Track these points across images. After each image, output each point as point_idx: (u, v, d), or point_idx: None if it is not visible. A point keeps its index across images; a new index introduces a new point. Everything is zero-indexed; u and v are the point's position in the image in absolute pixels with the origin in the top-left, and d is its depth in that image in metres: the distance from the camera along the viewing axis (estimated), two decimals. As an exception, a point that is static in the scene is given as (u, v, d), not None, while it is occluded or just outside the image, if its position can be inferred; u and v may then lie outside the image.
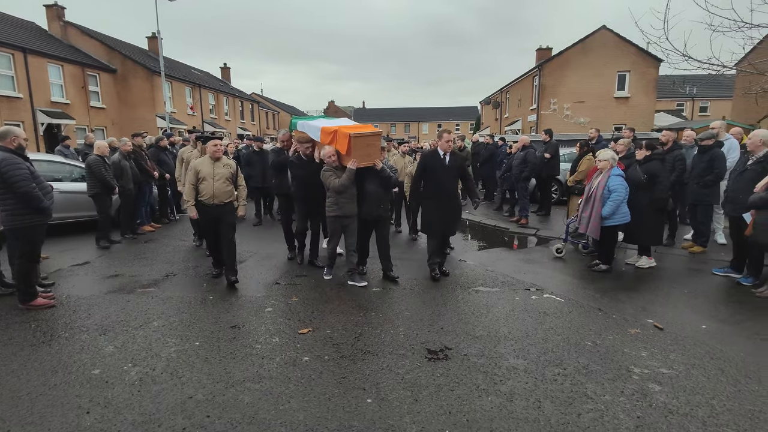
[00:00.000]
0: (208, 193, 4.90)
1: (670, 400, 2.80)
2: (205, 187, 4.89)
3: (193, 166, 4.93)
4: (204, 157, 5.05)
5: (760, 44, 6.42)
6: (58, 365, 3.25)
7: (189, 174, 4.95)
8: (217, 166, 4.97)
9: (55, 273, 5.52)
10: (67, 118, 18.63)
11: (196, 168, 4.90)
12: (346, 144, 4.88)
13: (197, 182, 4.90)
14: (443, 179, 5.13)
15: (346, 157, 4.94)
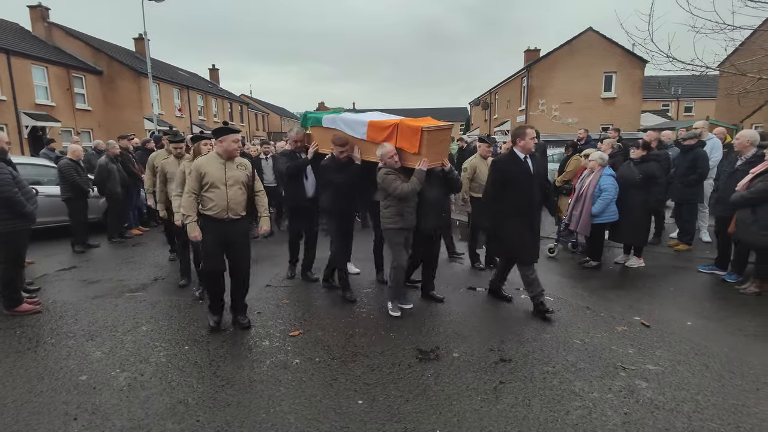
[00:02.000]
0: (219, 204, 3.68)
1: (657, 396, 2.85)
2: (215, 196, 3.68)
3: (197, 167, 3.72)
4: (209, 156, 3.84)
5: (741, 46, 6.52)
6: (45, 372, 3.21)
7: (189, 179, 3.75)
8: (230, 167, 3.78)
9: (41, 278, 5.43)
10: (52, 120, 18.34)
11: (200, 170, 3.68)
12: (416, 140, 4.03)
13: (201, 189, 3.71)
14: (531, 190, 4.14)
15: (411, 156, 4.11)
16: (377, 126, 4.33)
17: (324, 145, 4.80)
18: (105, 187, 7.25)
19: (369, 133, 4.36)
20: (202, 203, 3.74)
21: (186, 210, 3.72)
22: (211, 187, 3.69)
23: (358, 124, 4.45)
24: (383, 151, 4.09)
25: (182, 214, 3.80)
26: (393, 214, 4.12)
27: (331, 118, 4.72)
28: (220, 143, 3.74)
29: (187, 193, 3.72)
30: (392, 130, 4.19)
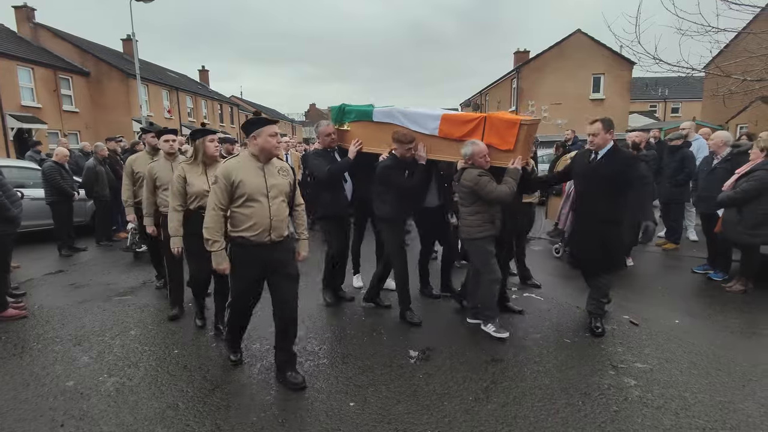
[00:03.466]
0: (261, 222, 2.79)
1: (645, 394, 2.88)
2: (254, 212, 2.78)
3: (225, 174, 2.75)
4: (241, 158, 2.87)
5: (726, 48, 6.65)
6: (30, 378, 3.15)
7: (215, 190, 2.80)
8: (270, 172, 2.88)
9: (27, 282, 5.34)
10: (39, 122, 18.07)
11: (230, 177, 2.74)
12: (512, 135, 3.57)
13: (231, 203, 2.81)
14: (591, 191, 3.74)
15: (500, 153, 3.66)
16: (455, 120, 3.82)
17: (370, 143, 4.19)
18: (93, 190, 7.17)
19: (443, 128, 3.83)
20: (234, 222, 2.84)
21: (210, 233, 2.80)
22: (249, 201, 2.77)
23: (427, 117, 3.92)
24: (476, 149, 3.55)
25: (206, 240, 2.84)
26: (484, 221, 3.66)
27: (386, 111, 4.11)
28: (253, 140, 2.80)
29: (212, 209, 2.78)
30: (477, 124, 3.71)
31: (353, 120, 4.29)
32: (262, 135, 2.81)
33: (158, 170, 4.14)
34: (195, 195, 3.55)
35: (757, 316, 4.17)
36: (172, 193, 3.59)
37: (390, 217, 3.97)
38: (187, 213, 3.59)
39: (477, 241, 3.71)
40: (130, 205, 4.83)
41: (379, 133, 4.11)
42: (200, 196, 3.53)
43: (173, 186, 3.56)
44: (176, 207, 3.57)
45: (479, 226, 3.68)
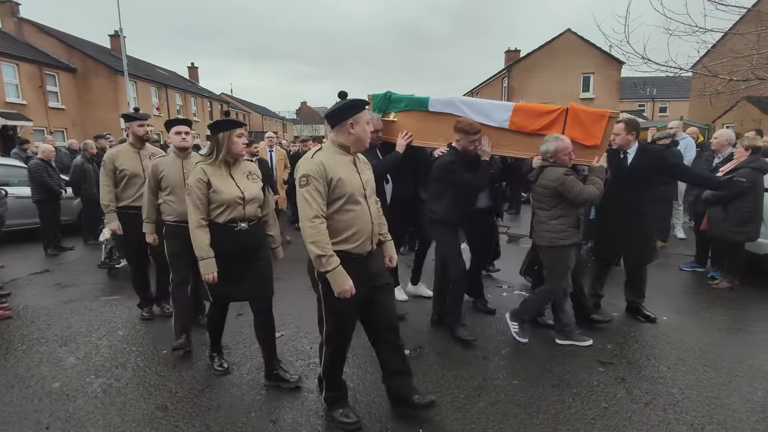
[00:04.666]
0: (364, 229, 2.38)
1: (633, 390, 2.91)
2: (356, 216, 2.36)
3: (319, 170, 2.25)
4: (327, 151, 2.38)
5: (713, 48, 6.73)
6: (15, 379, 3.09)
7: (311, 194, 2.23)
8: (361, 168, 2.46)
9: (12, 282, 5.25)
10: (24, 119, 17.74)
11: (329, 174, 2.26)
12: (599, 129, 3.30)
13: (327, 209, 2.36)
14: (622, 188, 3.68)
15: (583, 149, 3.36)
16: (531, 111, 3.47)
17: (422, 136, 3.77)
18: (80, 188, 7.06)
19: (515, 120, 3.47)
20: (331, 232, 2.28)
21: (323, 246, 2.21)
22: (348, 203, 2.30)
23: (496, 108, 3.55)
24: (560, 144, 3.21)
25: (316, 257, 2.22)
26: (569, 225, 3.32)
27: (445, 100, 3.69)
28: (350, 128, 2.31)
29: (309, 220, 2.21)
30: (558, 116, 3.38)
31: (402, 110, 3.83)
32: (360, 122, 2.33)
33: (166, 168, 3.41)
34: (225, 204, 2.74)
35: (743, 313, 4.24)
36: (192, 204, 2.72)
37: (447, 219, 3.54)
38: (214, 229, 2.76)
39: (558, 249, 3.36)
40: (112, 210, 3.94)
41: (435, 125, 3.66)
42: (232, 205, 2.76)
43: (193, 193, 2.71)
44: (201, 222, 2.73)
45: (563, 231, 3.33)
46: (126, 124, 3.99)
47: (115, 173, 3.92)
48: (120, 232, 3.96)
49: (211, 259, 2.70)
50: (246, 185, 2.83)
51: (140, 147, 4.03)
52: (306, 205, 2.23)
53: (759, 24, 5.98)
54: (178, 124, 3.52)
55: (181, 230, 3.16)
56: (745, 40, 6.25)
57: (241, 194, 2.78)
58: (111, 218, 3.98)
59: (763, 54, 5.93)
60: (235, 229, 2.77)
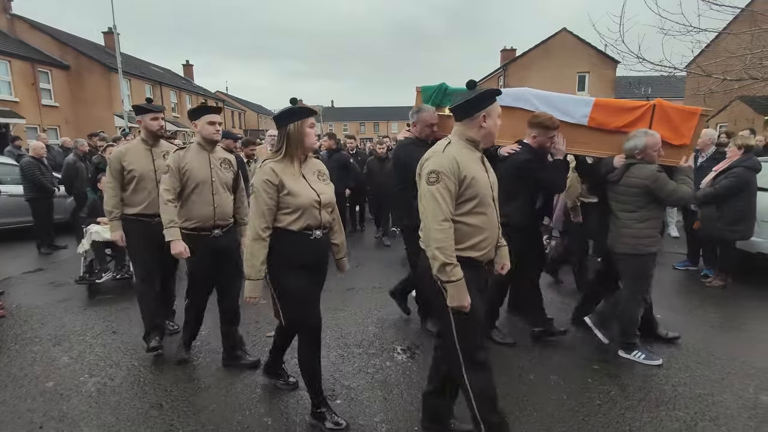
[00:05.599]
0: (492, 235, 2.15)
1: (627, 387, 2.93)
2: (485, 222, 2.08)
3: (452, 167, 1.97)
4: (457, 146, 2.09)
5: (707, 48, 6.78)
6: (8, 379, 3.07)
7: (441, 194, 1.96)
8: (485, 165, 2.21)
9: (5, 281, 5.21)
10: (17, 117, 17.59)
11: (462, 171, 1.99)
12: (689, 127, 3.13)
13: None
14: None
15: (671, 149, 3.16)
16: (613, 107, 3.24)
17: None
18: (73, 186, 7.01)
19: (595, 117, 3.22)
20: (457, 236, 2.01)
21: (446, 254, 1.94)
22: (480, 206, 2.04)
23: (573, 102, 3.31)
24: (650, 140, 2.99)
25: (442, 269, 1.95)
26: (655, 230, 3.10)
27: (515, 93, 3.41)
28: (482, 121, 2.07)
29: (438, 222, 1.94)
30: (644, 113, 3.17)
31: (435, 104, 3.56)
32: (492, 114, 2.09)
33: (190, 163, 2.95)
34: (301, 209, 2.31)
35: (735, 311, 4.28)
36: (259, 211, 2.27)
37: (525, 224, 3.28)
38: (287, 238, 2.33)
39: (644, 257, 3.12)
40: (116, 217, 3.32)
41: (502, 120, 3.60)
42: (308, 210, 2.33)
43: (261, 198, 2.26)
44: (263, 233, 2.29)
45: (649, 237, 3.09)
46: (137, 117, 3.42)
47: (122, 174, 3.31)
48: (123, 243, 3.38)
49: (261, 282, 2.33)
50: (320, 187, 2.42)
51: (153, 144, 3.42)
52: (435, 205, 1.96)
53: (752, 24, 6.03)
54: (211, 113, 3.03)
55: (201, 240, 2.99)
56: (739, 40, 6.30)
57: (318, 197, 2.37)
58: (114, 227, 3.35)
59: (757, 54, 5.98)
60: (311, 237, 2.38)
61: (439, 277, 1.98)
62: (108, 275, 4.90)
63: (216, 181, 3.02)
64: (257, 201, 2.29)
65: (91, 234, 4.85)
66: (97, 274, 4.90)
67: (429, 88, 3.66)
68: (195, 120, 3.01)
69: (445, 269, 1.95)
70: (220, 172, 3.06)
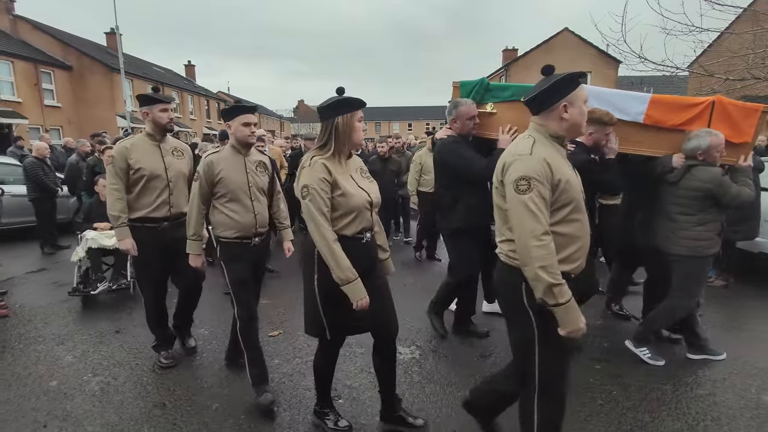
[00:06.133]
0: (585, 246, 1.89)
1: (628, 387, 2.93)
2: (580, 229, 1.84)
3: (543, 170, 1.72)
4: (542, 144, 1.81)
5: (709, 47, 6.76)
6: (12, 378, 3.09)
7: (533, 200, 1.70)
8: None
9: (8, 281, 5.23)
10: (19, 117, 17.66)
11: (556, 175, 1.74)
12: (750, 125, 2.98)
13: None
14: None
15: (731, 148, 3.00)
16: (671, 104, 3.07)
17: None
18: (76, 187, 7.03)
19: (652, 114, 3.05)
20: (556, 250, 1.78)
21: (552, 274, 1.68)
22: (575, 211, 1.84)
23: (629, 99, 3.13)
24: (714, 140, 2.84)
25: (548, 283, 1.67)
26: (715, 233, 2.99)
27: (593, 91, 3.19)
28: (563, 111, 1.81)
29: (537, 238, 1.68)
30: (703, 110, 2.99)
31: (505, 99, 3.27)
32: (576, 102, 1.82)
33: (225, 169, 2.69)
34: (354, 211, 2.15)
35: (737, 311, 4.27)
36: (318, 212, 2.06)
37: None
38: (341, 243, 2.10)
39: (700, 259, 3.00)
40: (124, 223, 2.98)
41: None
42: (362, 212, 2.18)
43: (317, 198, 2.05)
44: (331, 236, 2.07)
45: (708, 239, 2.96)
46: (143, 109, 3.05)
47: (127, 173, 2.98)
48: (134, 252, 3.03)
49: (358, 285, 2.08)
50: (367, 186, 2.24)
51: (161, 139, 3.11)
52: (531, 217, 1.69)
53: (755, 24, 6.02)
54: (246, 112, 2.75)
55: (243, 249, 2.74)
56: (741, 40, 6.28)
57: (369, 197, 2.20)
58: (122, 233, 3.00)
59: (759, 53, 5.97)
60: (362, 241, 2.20)
61: (546, 301, 1.69)
62: (104, 286, 4.50)
63: (253, 187, 2.78)
64: (314, 202, 2.05)
65: (86, 240, 4.52)
66: (92, 284, 4.51)
67: (468, 83, 3.44)
68: (229, 120, 2.75)
69: (552, 291, 1.66)
70: (256, 176, 2.81)
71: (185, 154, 3.26)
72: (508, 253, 1.87)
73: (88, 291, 4.45)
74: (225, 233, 2.73)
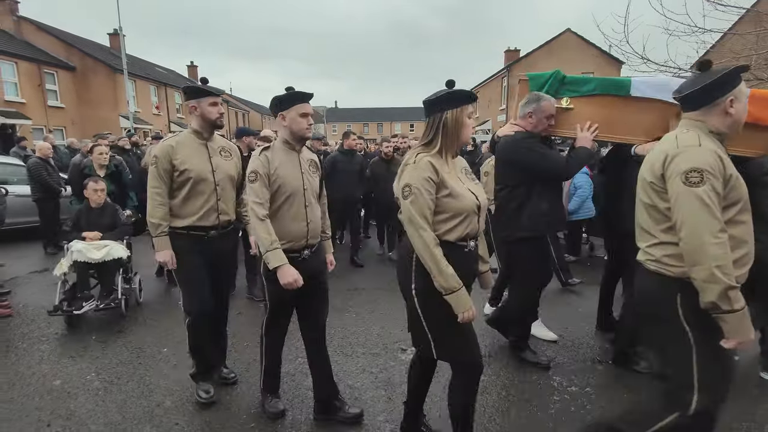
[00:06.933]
0: None
1: (632, 389, 2.92)
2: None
3: (717, 165, 1.62)
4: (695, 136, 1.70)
5: (712, 48, 6.74)
6: (16, 378, 3.10)
7: (708, 199, 1.57)
8: None
9: (12, 281, 5.25)
10: (23, 117, 17.74)
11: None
12: None
13: None
14: None
15: None
16: None
17: (613, 129, 2.94)
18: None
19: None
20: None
21: (729, 275, 1.56)
22: (744, 210, 1.74)
23: None
24: None
25: None
26: None
27: (657, 83, 2.86)
28: (728, 106, 1.74)
29: (714, 235, 1.57)
30: None
31: (585, 94, 2.98)
32: (741, 98, 1.75)
33: (284, 170, 2.36)
34: (463, 215, 1.93)
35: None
36: (420, 215, 1.85)
37: None
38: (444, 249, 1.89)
39: None
40: (164, 232, 2.60)
41: (634, 114, 2.87)
42: (469, 216, 1.95)
43: (422, 198, 1.85)
44: (432, 240, 1.86)
45: None
46: (190, 103, 2.64)
47: (171, 176, 2.61)
48: (173, 265, 2.64)
49: (465, 291, 1.90)
50: (474, 188, 2.03)
51: (209, 137, 2.73)
52: (706, 212, 1.55)
53: (758, 24, 6.00)
54: (305, 101, 2.41)
55: (293, 262, 2.33)
56: (744, 41, 6.27)
57: (477, 200, 1.98)
58: (162, 243, 2.61)
59: (762, 54, 5.96)
60: (465, 249, 1.99)
61: (718, 306, 1.53)
62: (90, 304, 3.94)
63: (308, 190, 2.42)
64: (416, 205, 1.85)
65: (72, 253, 3.98)
66: (76, 302, 3.93)
67: (540, 76, 3.13)
68: (283, 111, 2.37)
69: (727, 295, 1.51)
70: (310, 177, 2.46)
71: (233, 154, 2.86)
72: (661, 259, 1.69)
73: (71, 310, 3.87)
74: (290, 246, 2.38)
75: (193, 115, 2.68)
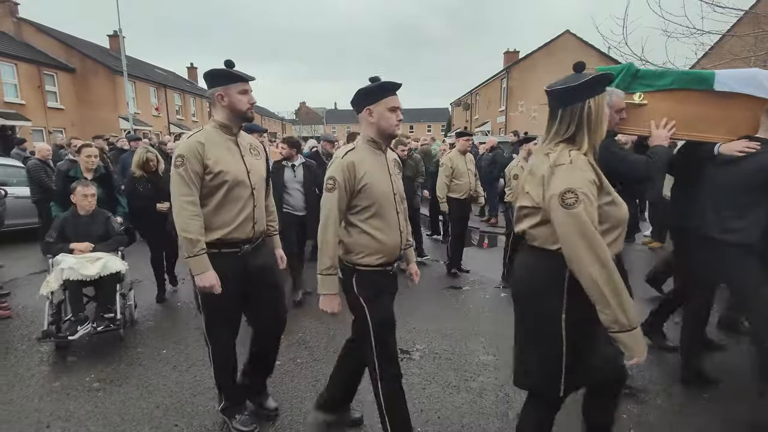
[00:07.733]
0: None
1: (636, 392, 2.92)
2: None
3: None
4: None
5: (710, 50, 6.76)
6: (15, 379, 3.10)
7: None
8: None
9: (11, 282, 5.25)
10: (23, 119, 17.75)
11: None
12: None
13: None
14: None
15: None
16: None
17: (692, 127, 2.68)
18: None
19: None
20: None
21: None
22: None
23: None
24: None
25: None
26: None
27: (743, 76, 2.60)
28: None
29: None
30: None
31: (661, 88, 2.72)
32: None
33: (373, 175, 2.06)
34: (621, 226, 1.65)
35: (739, 313, 4.25)
36: (592, 227, 1.47)
37: (750, 241, 2.59)
38: None
39: None
40: (203, 249, 2.14)
41: (716, 110, 2.63)
42: (623, 227, 1.67)
43: (590, 209, 1.49)
44: (611, 262, 1.51)
45: None
46: (216, 91, 2.23)
47: (202, 179, 2.17)
48: (219, 290, 2.18)
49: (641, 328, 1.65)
50: None
51: (237, 132, 2.33)
52: None
53: (756, 26, 6.02)
54: (394, 93, 2.06)
55: (385, 279, 2.13)
56: (743, 42, 6.28)
57: (626, 212, 1.74)
58: (202, 264, 2.14)
59: (761, 56, 5.97)
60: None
61: None
62: (85, 329, 3.38)
63: (398, 195, 2.16)
64: (589, 211, 1.47)
65: (62, 270, 3.37)
66: (70, 327, 3.39)
67: (610, 70, 2.78)
68: (370, 105, 2.04)
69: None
70: (398, 180, 2.19)
71: (261, 153, 2.46)
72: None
73: (65, 336, 3.35)
74: (366, 259, 2.07)
75: (218, 106, 2.24)
